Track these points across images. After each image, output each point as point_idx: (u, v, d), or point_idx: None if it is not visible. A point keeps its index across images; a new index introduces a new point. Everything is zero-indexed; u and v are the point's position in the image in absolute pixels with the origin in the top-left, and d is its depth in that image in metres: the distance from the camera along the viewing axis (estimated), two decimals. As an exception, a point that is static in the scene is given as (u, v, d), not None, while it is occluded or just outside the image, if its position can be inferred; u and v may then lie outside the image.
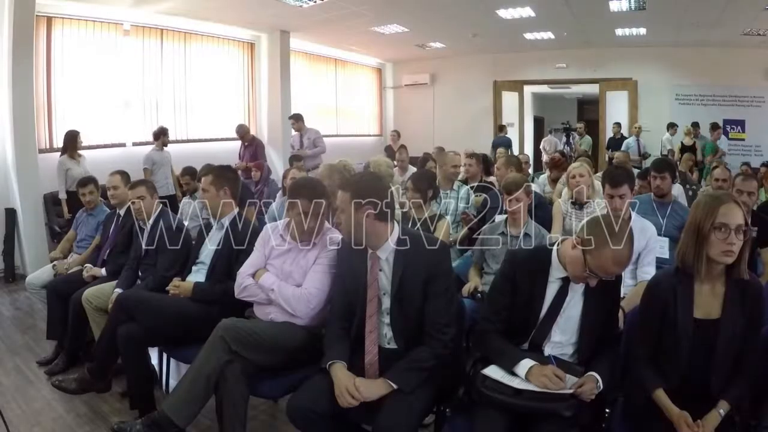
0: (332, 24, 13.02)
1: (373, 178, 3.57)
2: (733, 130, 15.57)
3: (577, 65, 16.79)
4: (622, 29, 14.17)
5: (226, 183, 4.53)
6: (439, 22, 13.51)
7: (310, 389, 3.13)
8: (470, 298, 4.69)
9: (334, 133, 16.39)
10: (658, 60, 15.89)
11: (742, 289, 2.86)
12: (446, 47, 16.46)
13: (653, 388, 2.90)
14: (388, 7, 12.02)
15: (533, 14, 12.77)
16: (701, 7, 11.65)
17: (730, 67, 15.20)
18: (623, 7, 12.13)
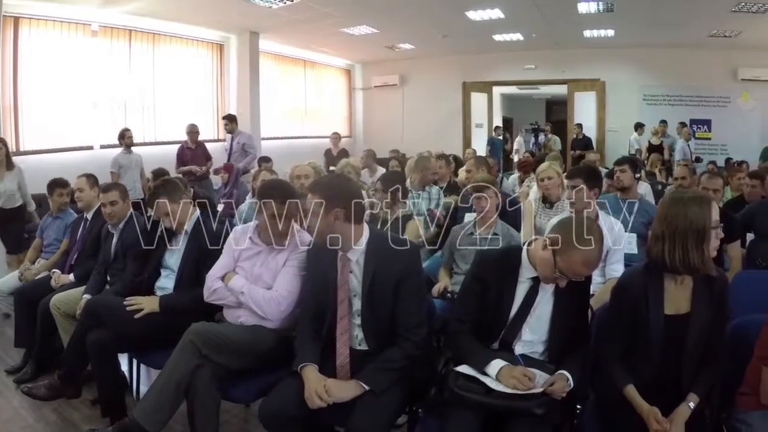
0: (301, 25, 13.00)
1: (342, 179, 3.58)
2: (699, 130, 15.89)
3: (545, 66, 16.96)
4: (590, 31, 14.37)
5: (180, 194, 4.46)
6: (408, 23, 13.56)
7: (282, 392, 3.11)
8: (440, 298, 4.71)
9: (303, 134, 16.38)
10: (625, 61, 16.14)
11: (710, 284, 2.92)
12: (415, 48, 16.50)
13: (624, 384, 2.93)
14: (358, 9, 12.02)
15: (502, 16, 12.88)
16: (668, 9, 11.83)
17: (696, 68, 15.50)
18: (591, 9, 12.27)
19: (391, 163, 9.52)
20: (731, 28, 13.25)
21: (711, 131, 16.07)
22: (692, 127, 15.59)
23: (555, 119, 21.99)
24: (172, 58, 12.76)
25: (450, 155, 8.66)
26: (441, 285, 4.87)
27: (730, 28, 13.32)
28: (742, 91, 15.72)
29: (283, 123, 16.05)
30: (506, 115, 23.13)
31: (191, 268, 4.25)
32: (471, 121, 17.96)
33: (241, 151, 11.27)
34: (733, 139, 15.48)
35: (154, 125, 12.34)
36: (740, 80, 15.56)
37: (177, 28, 12.57)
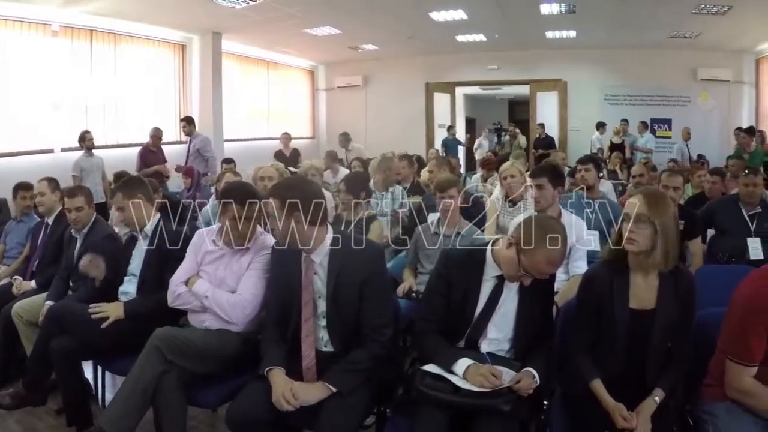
0: (265, 25, 12.93)
1: (304, 181, 3.57)
2: (660, 129, 16.17)
3: (508, 67, 17.05)
4: (553, 32, 14.52)
5: (138, 191, 4.39)
6: (371, 24, 13.55)
7: (248, 396, 3.10)
8: (405, 298, 4.71)
9: (266, 136, 16.28)
10: (587, 61, 16.35)
11: (675, 280, 2.99)
12: (379, 49, 16.50)
13: (591, 378, 2.99)
14: (321, 9, 11.98)
15: (465, 17, 12.92)
16: (630, 10, 11.99)
17: (657, 68, 15.78)
18: (554, 10, 12.39)
19: (354, 164, 9.52)
20: (691, 29, 13.51)
21: (671, 130, 16.32)
22: (653, 126, 15.91)
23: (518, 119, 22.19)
24: (134, 59, 12.56)
25: (413, 156, 8.66)
26: (406, 285, 4.88)
27: (689, 30, 13.57)
28: (701, 91, 16.03)
29: (246, 124, 15.96)
30: (469, 116, 23.22)
31: (153, 272, 4.19)
32: (434, 122, 18.03)
33: (197, 154, 11.16)
34: (693, 137, 15.61)
35: (115, 127, 12.14)
36: (699, 80, 15.89)
37: (139, 28, 12.38)
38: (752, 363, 2.70)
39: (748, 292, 2.76)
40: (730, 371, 2.77)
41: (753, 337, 2.67)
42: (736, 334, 2.74)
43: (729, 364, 2.77)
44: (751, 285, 2.78)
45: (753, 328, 2.67)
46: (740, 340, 2.71)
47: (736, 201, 5.72)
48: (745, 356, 2.70)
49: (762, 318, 2.65)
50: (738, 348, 2.72)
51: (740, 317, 2.73)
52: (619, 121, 15.33)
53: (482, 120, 24.01)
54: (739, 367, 2.73)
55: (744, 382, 2.73)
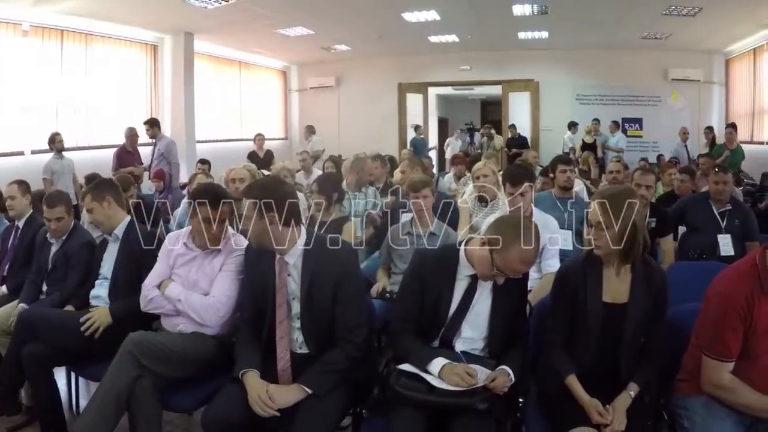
0: (237, 26, 12.90)
1: (277, 182, 3.55)
2: (631, 128, 16.35)
3: (480, 67, 17.15)
4: (525, 32, 14.63)
5: (107, 193, 4.34)
6: (344, 24, 13.56)
7: (224, 400, 3.08)
8: (379, 298, 4.72)
9: (239, 137, 16.25)
10: (559, 62, 16.48)
11: (648, 275, 3.04)
12: (351, 50, 16.50)
13: (566, 373, 3.02)
14: (294, 10, 11.97)
15: (438, 17, 12.96)
16: (601, 11, 12.13)
17: (628, 69, 15.98)
18: (526, 11, 12.48)
19: (326, 165, 9.51)
20: (662, 30, 13.68)
21: (642, 129, 16.56)
22: (624, 125, 16.07)
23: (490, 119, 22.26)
24: (106, 60, 12.44)
25: (386, 156, 8.66)
26: (380, 285, 4.89)
27: (661, 31, 13.74)
28: (672, 91, 16.25)
29: (219, 125, 15.89)
30: (442, 116, 23.34)
31: (125, 275, 4.15)
32: (407, 122, 18.05)
33: (161, 158, 10.86)
34: (663, 136, 15.92)
35: (87, 129, 12.02)
36: (670, 80, 16.11)
37: (110, 28, 12.24)
38: (729, 358, 2.75)
39: (723, 289, 2.80)
40: (707, 367, 2.82)
41: (729, 333, 2.71)
42: (713, 330, 2.78)
43: (706, 360, 2.81)
44: (725, 282, 2.84)
45: (729, 324, 2.71)
46: (717, 336, 2.75)
47: (707, 198, 5.78)
48: (722, 352, 2.74)
49: (737, 314, 2.69)
50: (715, 344, 2.77)
51: (716, 314, 2.77)
52: (590, 121, 15.46)
53: (455, 120, 24.12)
54: (716, 362, 2.77)
55: (722, 378, 2.77)
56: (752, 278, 2.75)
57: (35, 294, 4.77)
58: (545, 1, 11.84)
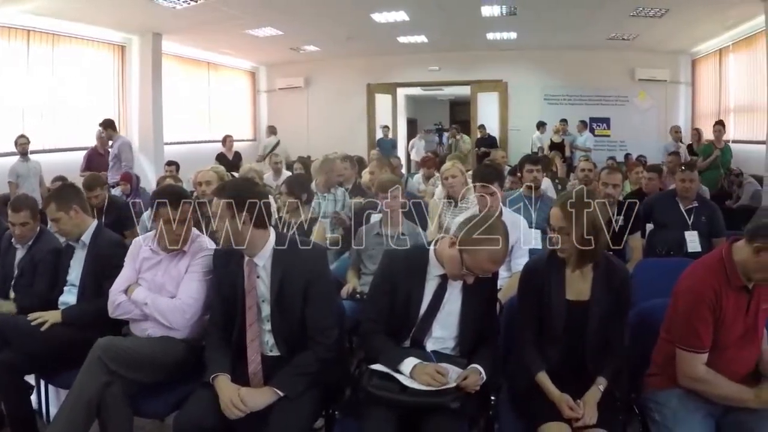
0: (206, 26, 12.81)
1: (248, 183, 3.54)
2: (599, 127, 16.53)
3: (449, 68, 17.21)
4: (494, 33, 14.71)
5: (73, 201, 4.26)
6: (313, 25, 13.53)
7: (195, 404, 3.07)
8: (350, 299, 4.72)
9: (207, 138, 16.12)
10: (528, 62, 16.63)
11: (609, 273, 3.12)
12: (320, 50, 16.47)
13: (537, 370, 3.07)
14: (263, 10, 11.93)
15: (407, 18, 12.97)
16: (570, 13, 12.22)
17: (596, 69, 16.17)
18: (495, 12, 12.55)
19: (296, 166, 9.48)
20: (629, 31, 13.86)
21: (610, 129, 16.76)
22: (592, 125, 16.23)
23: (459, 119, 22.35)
24: (73, 60, 12.27)
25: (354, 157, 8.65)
26: (350, 286, 4.89)
27: (628, 32, 13.92)
28: (639, 91, 16.48)
29: (187, 127, 15.77)
30: (411, 116, 23.37)
31: (92, 281, 4.09)
32: (375, 123, 18.05)
33: (116, 160, 10.61)
34: (631, 135, 16.21)
35: (54, 131, 11.82)
36: (638, 80, 16.31)
37: (78, 28, 12.07)
38: (703, 350, 2.84)
39: (692, 282, 2.91)
40: (682, 360, 2.90)
41: (701, 325, 2.81)
42: (685, 323, 2.87)
43: (681, 354, 2.90)
44: (693, 277, 2.94)
45: (700, 317, 2.81)
46: (689, 329, 2.85)
47: (674, 196, 5.85)
48: (696, 344, 2.84)
49: (707, 306, 2.80)
50: (688, 337, 2.85)
51: (686, 307, 2.87)
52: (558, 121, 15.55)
53: (423, 120, 24.18)
54: (691, 355, 2.86)
55: (698, 370, 2.86)
56: (719, 272, 2.85)
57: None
58: (514, 2, 11.90)
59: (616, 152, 15.37)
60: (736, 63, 13.91)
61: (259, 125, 19.03)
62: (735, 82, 14.02)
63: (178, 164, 9.93)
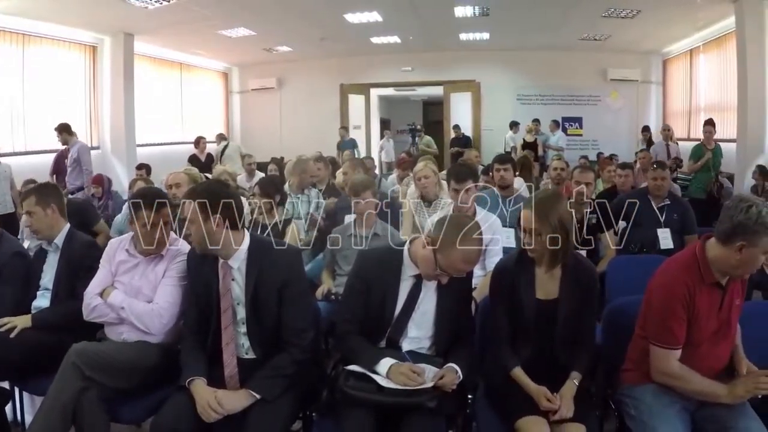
0: (178, 27, 12.76)
1: (221, 185, 3.53)
2: (571, 127, 16.76)
3: (422, 68, 17.33)
4: (467, 34, 14.84)
5: (52, 200, 4.22)
6: (286, 25, 13.55)
7: (172, 409, 3.04)
8: (325, 300, 4.73)
9: (180, 140, 16.04)
10: (500, 63, 16.79)
11: (577, 271, 3.19)
12: (293, 51, 16.48)
13: (512, 366, 3.13)
14: (236, 11, 11.91)
15: (380, 19, 13.03)
16: (542, 14, 12.34)
17: (568, 69, 16.39)
18: (468, 13, 12.66)
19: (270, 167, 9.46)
20: (601, 32, 14.06)
21: (582, 128, 17.00)
22: (564, 124, 16.43)
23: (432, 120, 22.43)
24: (43, 61, 12.08)
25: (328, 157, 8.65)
26: (324, 287, 4.91)
27: (600, 32, 14.12)
28: (611, 91, 16.74)
29: (159, 128, 15.66)
30: (384, 117, 23.39)
31: (66, 284, 4.03)
32: (349, 123, 18.01)
33: (75, 164, 10.28)
34: (603, 134, 16.49)
35: (24, 133, 11.62)
36: (609, 80, 16.59)
37: (48, 28, 11.90)
38: (676, 346, 2.89)
39: (665, 280, 2.95)
40: (656, 357, 2.94)
41: (674, 322, 2.86)
42: (659, 320, 2.91)
43: (655, 350, 2.94)
44: (667, 273, 2.98)
45: (674, 313, 2.86)
46: (664, 326, 2.89)
47: (646, 194, 5.91)
48: (669, 340, 2.88)
49: (681, 303, 2.84)
50: (663, 333, 2.90)
51: (660, 304, 2.91)
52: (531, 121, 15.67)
53: (396, 121, 24.22)
54: (665, 351, 2.90)
55: (671, 366, 2.90)
56: (693, 269, 2.90)
57: None
58: (487, 2, 11.99)
59: (588, 151, 15.57)
60: (707, 63, 14.14)
61: (232, 126, 18.99)
62: (705, 82, 14.27)
63: (149, 167, 9.84)
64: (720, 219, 2.81)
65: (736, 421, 2.85)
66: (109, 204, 8.50)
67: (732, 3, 10.95)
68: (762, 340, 3.25)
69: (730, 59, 12.04)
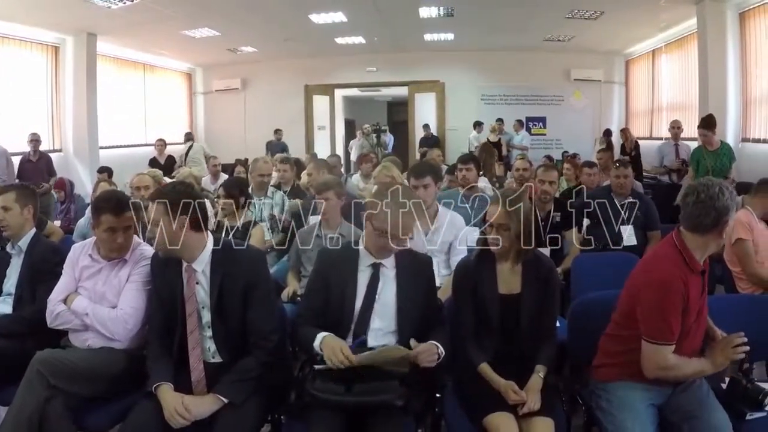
0: (142, 27, 12.62)
1: (186, 187, 3.49)
2: (535, 126, 16.94)
3: (387, 69, 17.37)
4: (431, 34, 14.90)
5: (30, 201, 4.23)
6: (251, 26, 13.49)
7: (139, 415, 3.01)
8: (291, 302, 4.71)
9: (143, 142, 15.90)
10: (465, 63, 16.88)
11: (537, 265, 3.31)
12: (258, 51, 16.41)
13: (479, 362, 3.20)
14: (200, 11, 11.85)
15: (345, 19, 13.03)
16: (506, 15, 12.47)
17: (532, 70, 16.57)
18: (432, 14, 12.72)
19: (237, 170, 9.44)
20: (565, 33, 14.22)
21: (546, 127, 17.17)
22: (528, 124, 16.65)
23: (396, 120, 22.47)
24: (3, 61, 11.89)
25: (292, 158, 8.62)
26: (290, 289, 4.90)
27: (563, 33, 14.29)
28: (574, 91, 16.89)
29: (123, 130, 15.48)
30: (348, 117, 23.41)
31: (29, 290, 3.97)
32: (313, 124, 18.14)
33: None
34: (566, 134, 16.71)
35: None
36: (573, 80, 16.80)
37: (8, 28, 11.72)
38: (674, 341, 2.94)
39: (660, 275, 2.97)
40: (652, 353, 2.96)
41: (673, 315, 2.91)
42: (658, 317, 2.94)
43: (651, 347, 2.96)
44: (658, 269, 3.01)
45: (672, 307, 2.90)
46: (662, 322, 2.92)
47: (609, 192, 6.01)
48: (668, 336, 2.92)
49: (679, 295, 2.90)
50: (661, 330, 2.93)
51: (659, 301, 2.93)
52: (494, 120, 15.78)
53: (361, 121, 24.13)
54: (662, 347, 2.94)
55: (668, 359, 2.95)
56: (680, 261, 2.96)
57: None
58: (451, 3, 12.05)
59: (552, 150, 15.81)
60: (669, 63, 14.36)
61: (196, 127, 18.78)
62: (667, 82, 14.47)
63: (110, 170, 9.76)
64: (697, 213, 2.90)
65: (700, 411, 2.94)
66: (72, 208, 8.43)
67: (694, 5, 11.15)
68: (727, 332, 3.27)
69: (692, 59, 12.27)
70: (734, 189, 3.12)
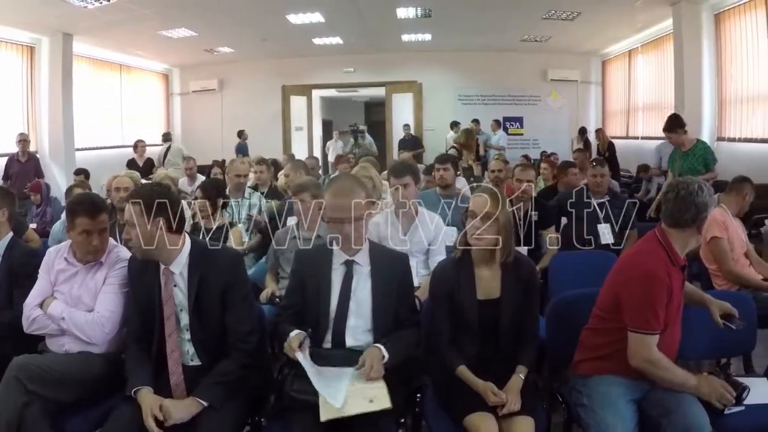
0: (118, 27, 12.58)
1: (163, 188, 3.47)
2: (512, 126, 17.06)
3: (364, 69, 17.44)
4: (409, 35, 14.97)
5: (6, 205, 4.19)
6: (228, 26, 13.47)
7: (118, 420, 2.98)
8: (269, 303, 4.69)
9: (120, 143, 15.81)
10: (442, 64, 16.99)
11: (517, 268, 3.29)
12: (235, 52, 16.41)
13: (457, 365, 3.19)
14: (177, 11, 11.82)
15: (323, 20, 13.06)
16: (484, 16, 12.55)
17: (509, 70, 16.73)
18: (410, 14, 12.80)
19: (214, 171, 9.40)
20: (542, 33, 14.34)
21: (523, 127, 17.31)
22: (505, 124, 16.71)
23: (374, 120, 22.49)
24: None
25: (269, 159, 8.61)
26: (268, 290, 4.87)
27: (540, 34, 14.40)
28: (551, 91, 17.04)
29: (98, 132, 15.38)
30: (326, 118, 23.44)
31: (6, 294, 3.92)
32: (291, 125, 18.13)
33: None
34: (543, 133, 16.88)
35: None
36: (550, 80, 16.97)
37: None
38: (658, 331, 3.00)
39: (646, 268, 3.03)
40: (639, 344, 3.01)
41: (659, 307, 2.98)
42: (644, 307, 2.99)
43: (636, 337, 3.01)
44: (644, 262, 3.08)
45: (658, 298, 2.97)
46: (650, 312, 2.98)
47: (586, 191, 6.01)
48: (654, 326, 2.98)
49: (664, 287, 2.98)
50: (648, 320, 2.98)
51: (646, 291, 2.99)
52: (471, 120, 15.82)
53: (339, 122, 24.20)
54: (648, 337, 2.99)
55: (652, 351, 3.00)
56: (663, 256, 3.05)
57: None
58: (429, 4, 12.11)
59: (529, 150, 15.92)
60: (645, 63, 14.52)
61: (173, 128, 18.65)
62: (643, 82, 14.61)
63: (87, 172, 9.69)
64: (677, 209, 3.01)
65: (678, 405, 2.97)
66: (48, 211, 8.35)
67: (670, 6, 11.30)
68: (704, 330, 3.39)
69: (668, 60, 12.40)
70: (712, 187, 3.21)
